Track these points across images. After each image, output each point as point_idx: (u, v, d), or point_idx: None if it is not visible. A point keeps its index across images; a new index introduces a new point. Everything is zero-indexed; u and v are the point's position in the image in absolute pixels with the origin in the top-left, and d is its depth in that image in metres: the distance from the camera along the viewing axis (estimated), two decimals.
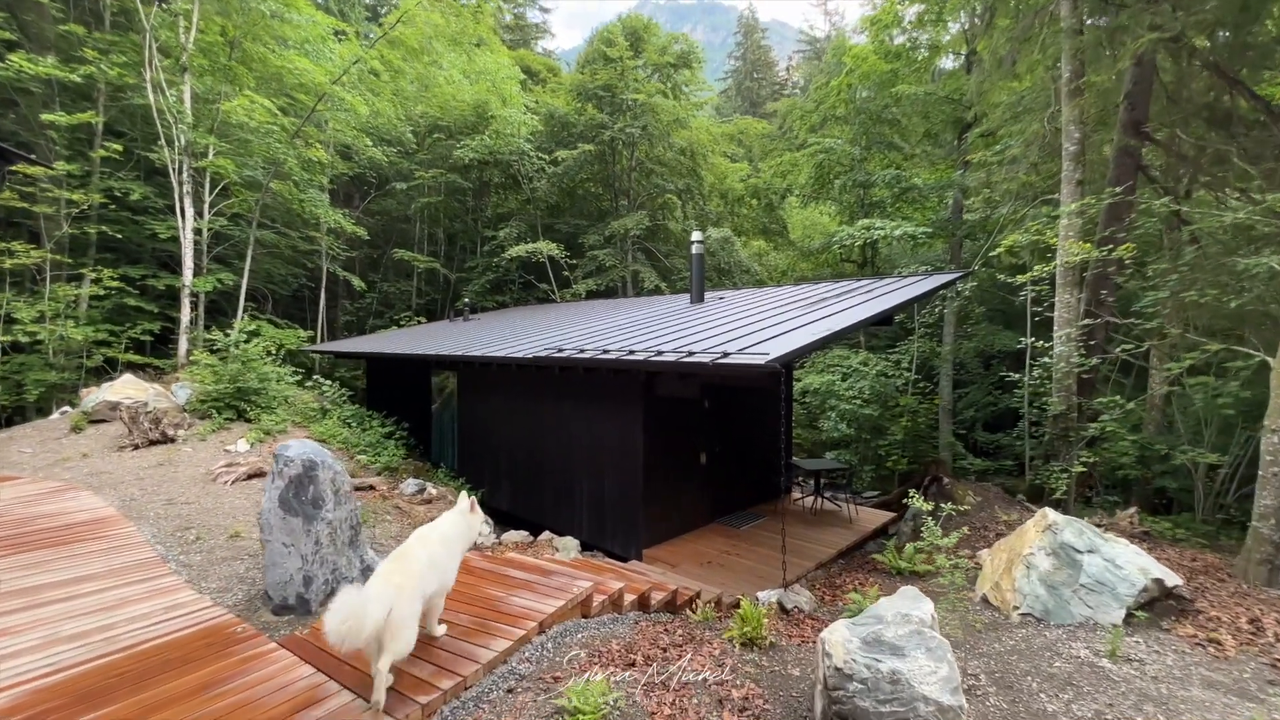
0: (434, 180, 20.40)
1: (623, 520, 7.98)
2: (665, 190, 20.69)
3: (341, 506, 4.08)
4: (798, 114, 21.03)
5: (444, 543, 3.63)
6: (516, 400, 9.69)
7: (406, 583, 3.22)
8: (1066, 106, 7.92)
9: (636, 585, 4.71)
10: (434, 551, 3.52)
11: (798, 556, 7.71)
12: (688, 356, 5.66)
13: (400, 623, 3.07)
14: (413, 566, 3.34)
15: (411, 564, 3.36)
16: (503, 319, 14.90)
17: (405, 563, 3.35)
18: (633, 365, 6.24)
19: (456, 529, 3.76)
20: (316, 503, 3.90)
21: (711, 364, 5.25)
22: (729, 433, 9.44)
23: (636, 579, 5.33)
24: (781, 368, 4.94)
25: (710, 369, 5.28)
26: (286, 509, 3.84)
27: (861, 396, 14.32)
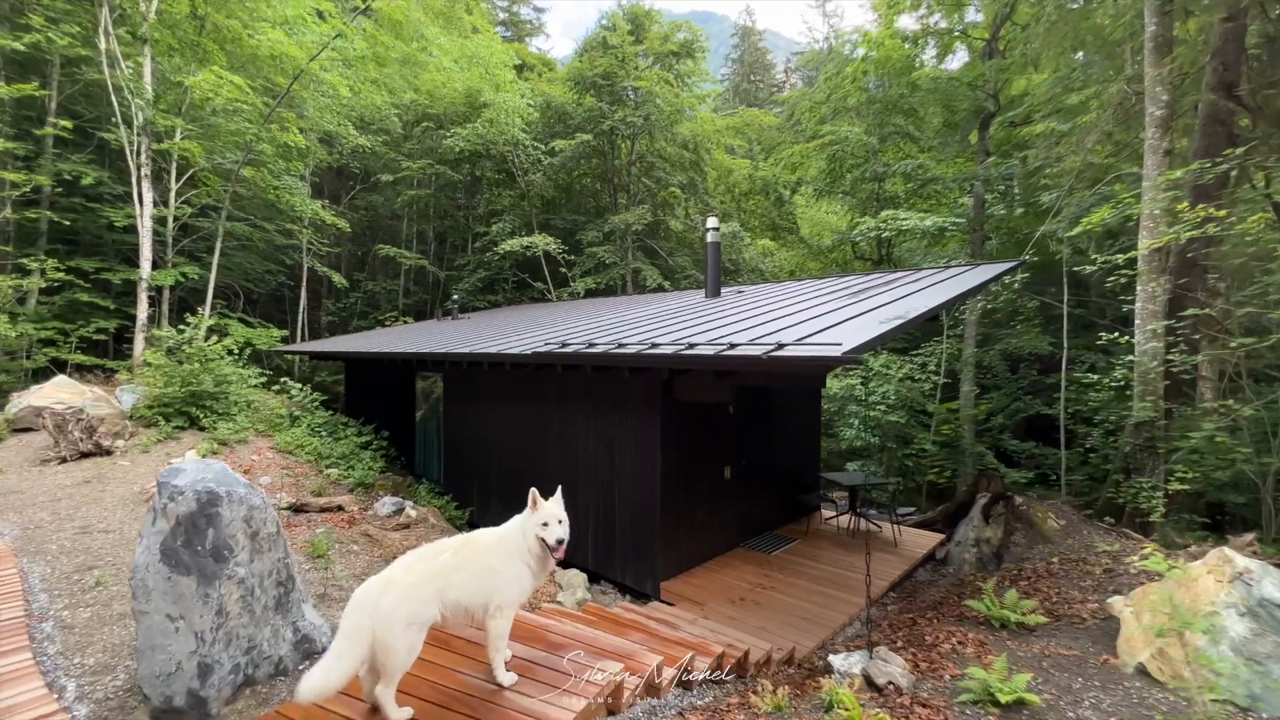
0: (422, 172, 19.17)
1: (637, 547, 6.75)
2: (669, 184, 19.53)
3: (263, 555, 2.85)
4: (806, 105, 19.98)
5: (494, 547, 2.93)
6: (511, 406, 8.45)
7: (406, 577, 2.63)
8: (1151, 65, 6.83)
9: (674, 654, 3.48)
10: (475, 554, 2.85)
11: (845, 589, 6.51)
12: (730, 350, 4.46)
13: (387, 626, 2.48)
14: (428, 561, 2.75)
15: (429, 557, 2.78)
16: (496, 317, 13.66)
17: (421, 556, 2.80)
18: (657, 361, 5.04)
19: (517, 532, 3.03)
20: (220, 553, 2.67)
21: (765, 357, 4.05)
22: (756, 444, 8.24)
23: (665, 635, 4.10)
24: (859, 359, 3.76)
25: (764, 363, 4.08)
26: (173, 564, 2.60)
27: (886, 402, 13.16)
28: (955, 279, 7.54)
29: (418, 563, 2.68)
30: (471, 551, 2.83)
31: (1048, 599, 4.77)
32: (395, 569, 2.66)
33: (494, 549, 2.90)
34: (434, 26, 21.40)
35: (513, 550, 2.93)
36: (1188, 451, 6.41)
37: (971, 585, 5.77)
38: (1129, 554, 5.37)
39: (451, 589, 2.66)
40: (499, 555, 2.87)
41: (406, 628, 2.51)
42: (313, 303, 20.11)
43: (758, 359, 4.14)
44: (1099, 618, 4.38)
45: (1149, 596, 3.85)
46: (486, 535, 3.00)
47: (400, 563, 2.71)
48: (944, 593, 5.98)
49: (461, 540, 2.90)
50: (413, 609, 2.54)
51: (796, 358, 3.99)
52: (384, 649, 2.47)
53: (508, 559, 2.89)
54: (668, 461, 6.59)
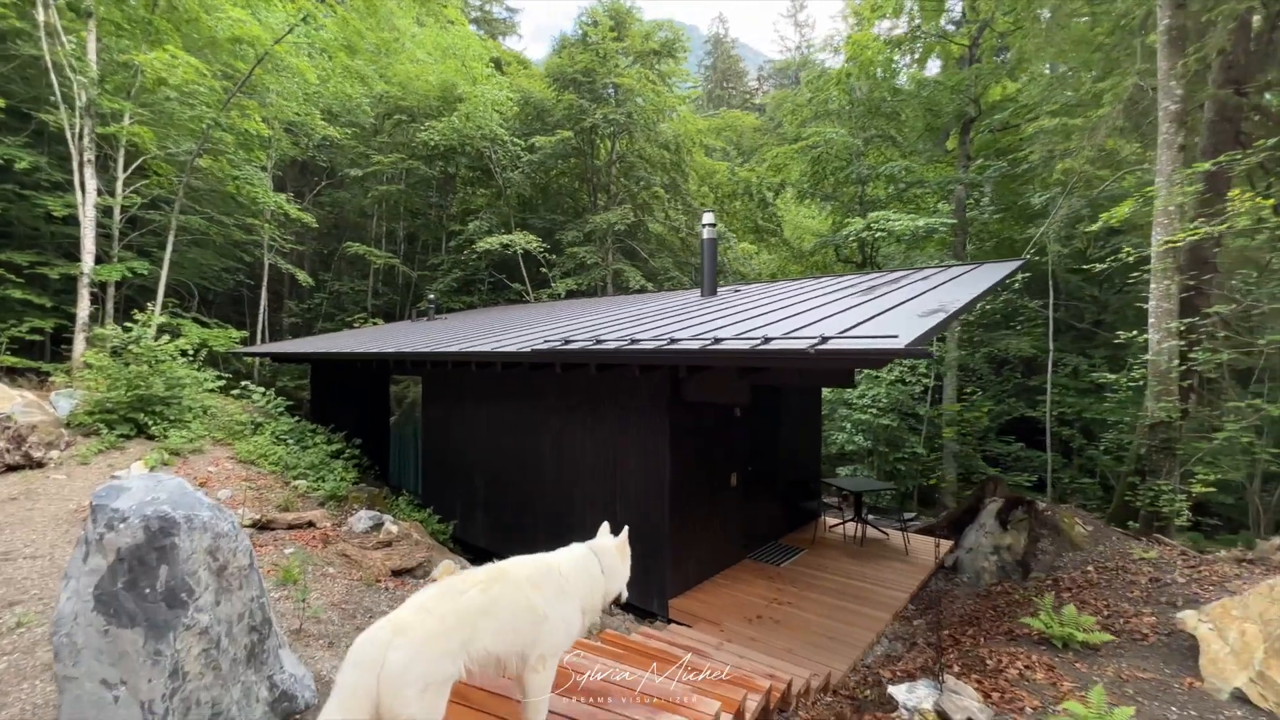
0: (394, 168, 18.33)
1: (643, 562, 6.19)
2: (651, 185, 19.13)
3: (233, 595, 2.25)
4: (789, 107, 19.88)
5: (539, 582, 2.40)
6: (500, 410, 7.84)
7: (422, 623, 2.03)
8: (1164, 59, 6.71)
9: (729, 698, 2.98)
10: (512, 591, 2.29)
11: (864, 603, 6.12)
12: (764, 344, 4.00)
13: (397, 690, 1.91)
14: (450, 601, 2.14)
15: (450, 594, 2.17)
16: (476, 318, 12.98)
17: (440, 593, 2.18)
18: (679, 358, 4.55)
19: (577, 564, 2.66)
20: (176, 596, 2.07)
21: (812, 351, 3.61)
22: (762, 448, 7.83)
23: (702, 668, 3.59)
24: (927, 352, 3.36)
25: (810, 358, 3.64)
26: (111, 613, 1.99)
27: (877, 405, 12.96)
28: (963, 277, 7.28)
29: (437, 602, 2.11)
30: (506, 588, 2.27)
31: (1098, 613, 4.44)
32: (406, 611, 2.09)
33: (539, 584, 2.36)
34: (406, 17, 20.62)
35: (568, 588, 2.40)
36: (1209, 452, 6.24)
37: (1006, 597, 5.44)
38: (1169, 561, 5.11)
39: (481, 636, 2.10)
40: (547, 593, 2.34)
41: (423, 691, 1.94)
42: (274, 304, 18.99)
43: (803, 353, 3.70)
44: (1161, 633, 4.06)
45: (1231, 612, 3.53)
46: (525, 566, 2.45)
47: (413, 602, 2.14)
48: (974, 605, 5.63)
49: (491, 573, 2.35)
50: (430, 665, 1.98)
51: (847, 351, 3.56)
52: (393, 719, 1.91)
53: (560, 598, 2.36)
54: (676, 467, 6.11)
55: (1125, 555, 5.37)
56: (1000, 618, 4.88)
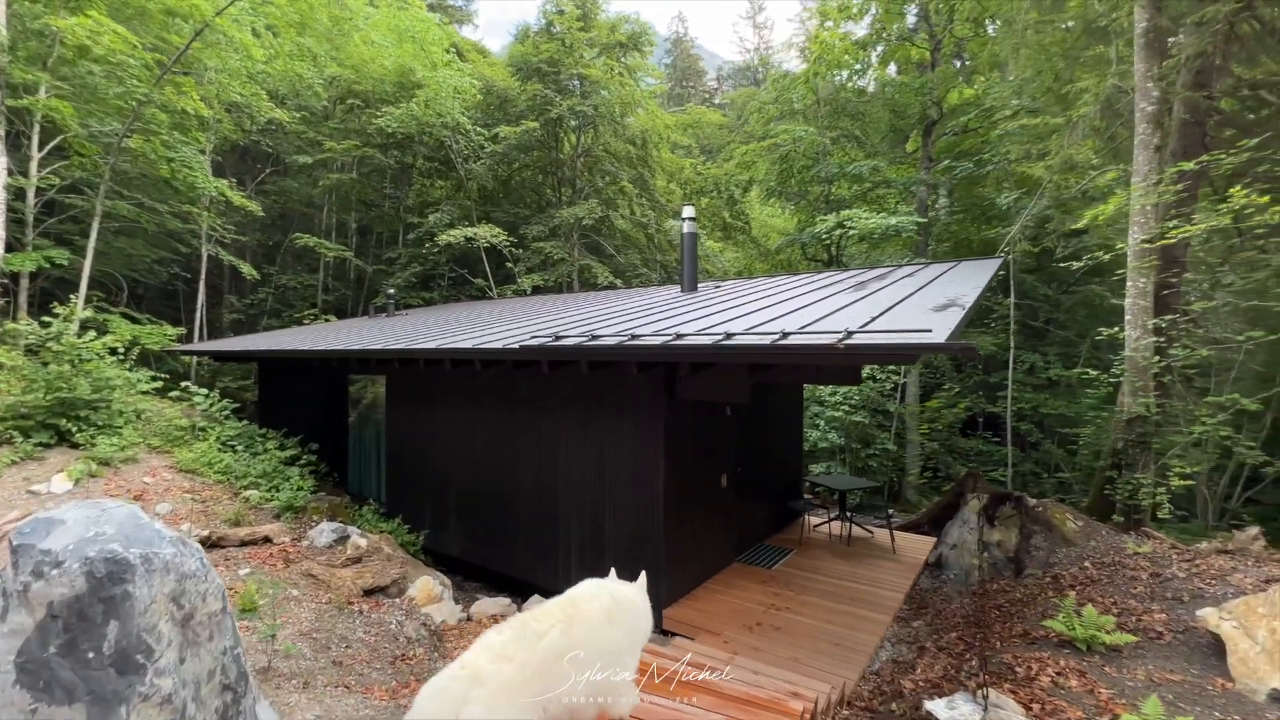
0: (346, 155, 17.32)
1: (635, 570, 5.88)
2: (618, 179, 18.78)
3: (201, 650, 1.81)
4: (755, 105, 19.89)
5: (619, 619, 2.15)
6: (473, 411, 7.36)
7: (499, 672, 1.71)
8: (1142, 60, 6.85)
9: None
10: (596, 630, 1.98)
11: (861, 605, 5.97)
12: (784, 339, 3.74)
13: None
14: (528, 646, 1.81)
15: (527, 637, 1.84)
16: (440, 314, 12.33)
17: (515, 636, 1.85)
18: (688, 354, 4.23)
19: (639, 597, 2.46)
20: (129, 659, 1.61)
21: (842, 346, 3.37)
22: (751, 448, 7.62)
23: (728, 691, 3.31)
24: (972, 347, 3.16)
25: (838, 354, 3.39)
26: (42, 685, 1.53)
27: (850, 402, 13.04)
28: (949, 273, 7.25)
29: (515, 647, 1.74)
30: (590, 626, 1.91)
31: (1108, 611, 4.39)
32: (480, 658, 1.71)
33: (618, 620, 2.00)
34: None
35: (641, 626, 2.06)
36: (1186, 445, 6.40)
37: (1005, 596, 5.38)
38: (1164, 556, 5.15)
39: (561, 685, 1.74)
40: (626, 631, 1.99)
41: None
42: (213, 299, 17.68)
43: (827, 349, 3.44)
44: (1175, 630, 4.03)
45: (1257, 610, 3.49)
46: (599, 599, 2.09)
47: (487, 646, 1.76)
48: (972, 605, 5.55)
49: (569, 611, 1.97)
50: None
51: (880, 346, 3.33)
52: None
53: (635, 638, 2.01)
54: (671, 470, 5.81)
55: (1119, 550, 5.40)
56: (1009, 618, 4.80)
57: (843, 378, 4.73)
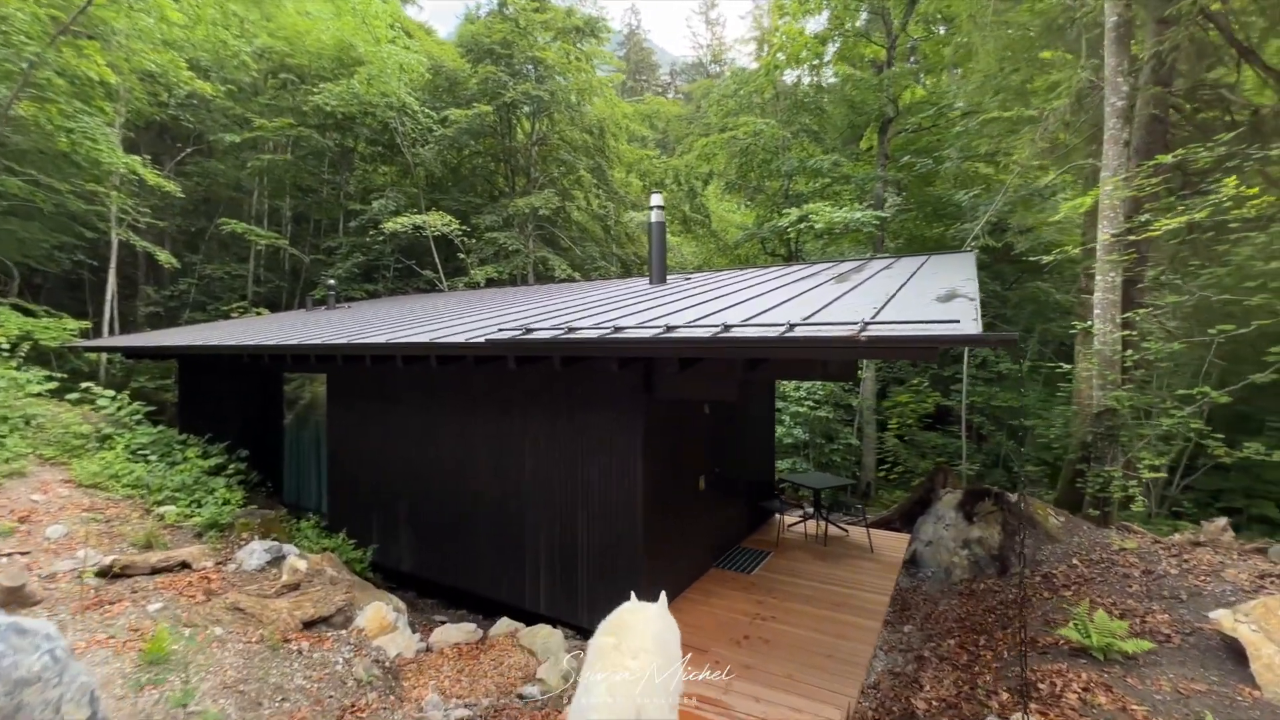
0: (279, 135, 15.99)
1: (610, 582, 5.45)
2: (575, 168, 18.14)
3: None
4: (714, 97, 19.64)
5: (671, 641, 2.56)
6: (428, 412, 6.70)
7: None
8: (1112, 55, 6.86)
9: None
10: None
11: (847, 610, 5.71)
12: (790, 331, 3.35)
13: None
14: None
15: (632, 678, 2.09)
16: (388, 307, 11.46)
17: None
18: (682, 348, 3.78)
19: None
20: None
21: (863, 339, 3.00)
22: (728, 447, 7.28)
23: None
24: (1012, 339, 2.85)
25: (859, 346, 3.03)
26: None
27: (814, 398, 12.96)
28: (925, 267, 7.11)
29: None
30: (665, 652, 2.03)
31: (1109, 614, 4.24)
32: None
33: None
34: None
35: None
36: (1156, 438, 6.45)
37: (995, 596, 5.21)
38: (1151, 551, 5.09)
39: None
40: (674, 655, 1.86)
41: None
42: (126, 290, 16.00)
43: (847, 341, 3.07)
44: (1183, 633, 3.89)
45: (1277, 613, 3.35)
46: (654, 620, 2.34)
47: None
48: (961, 607, 5.36)
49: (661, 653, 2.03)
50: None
51: (903, 339, 2.98)
52: None
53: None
54: (650, 473, 5.38)
55: (1105, 546, 5.33)
56: (1007, 621, 4.60)
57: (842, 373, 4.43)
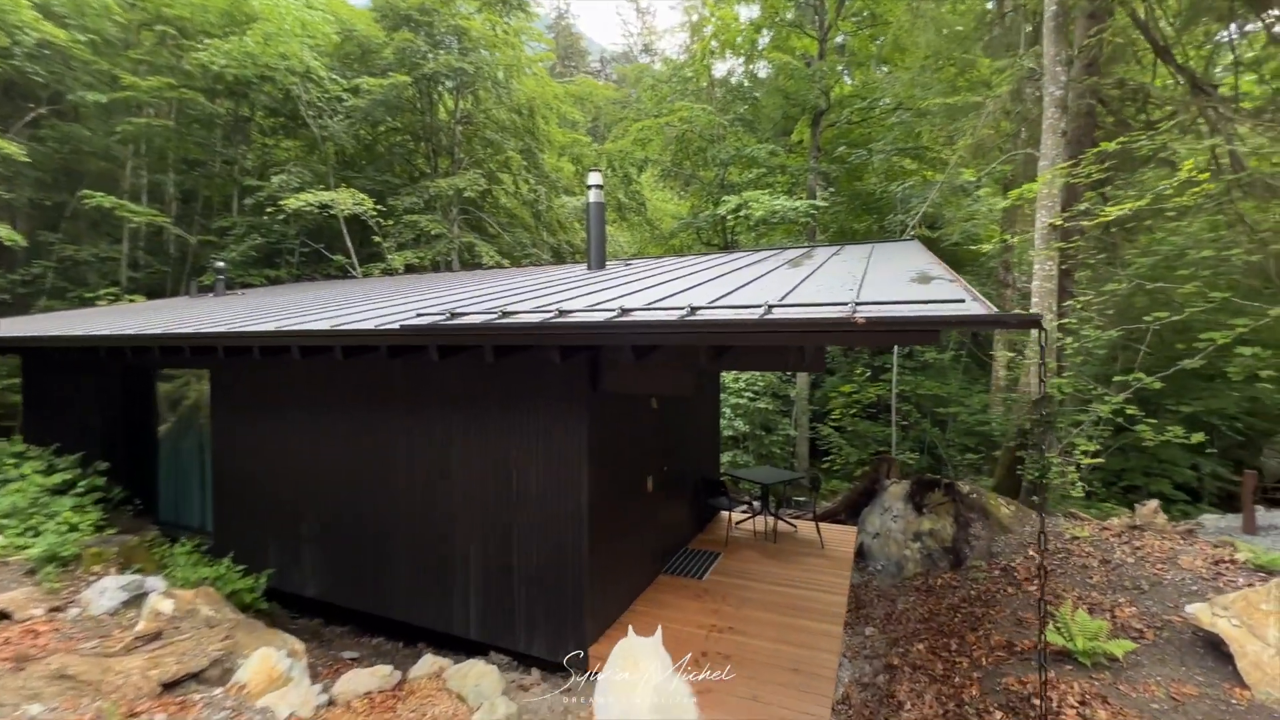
0: (157, 97, 13.96)
1: (551, 602, 4.83)
2: (503, 148, 17.09)
3: None
4: (648, 83, 19.12)
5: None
6: (333, 413, 5.78)
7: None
8: (1051, 44, 6.89)
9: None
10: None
11: (807, 615, 5.38)
12: (769, 313, 2.86)
13: None
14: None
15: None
16: (289, 294, 10.17)
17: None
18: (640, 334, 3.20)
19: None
20: None
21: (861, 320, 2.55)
22: (675, 444, 6.80)
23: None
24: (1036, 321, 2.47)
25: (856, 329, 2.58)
26: None
27: (753, 388, 12.78)
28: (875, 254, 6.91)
29: None
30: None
31: (1075, 608, 4.09)
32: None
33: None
34: None
35: None
36: (1091, 424, 6.56)
37: (956, 593, 5.02)
38: (1104, 540, 5.06)
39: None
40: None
41: None
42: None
43: (841, 324, 2.61)
44: (1154, 627, 3.78)
45: (1260, 606, 3.23)
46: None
47: None
48: (922, 604, 5.15)
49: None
50: None
51: (906, 319, 2.55)
52: None
53: None
54: (595, 477, 4.79)
55: (1058, 536, 5.27)
56: (978, 623, 4.39)
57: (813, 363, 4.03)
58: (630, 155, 16.87)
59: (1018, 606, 4.29)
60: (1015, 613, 4.23)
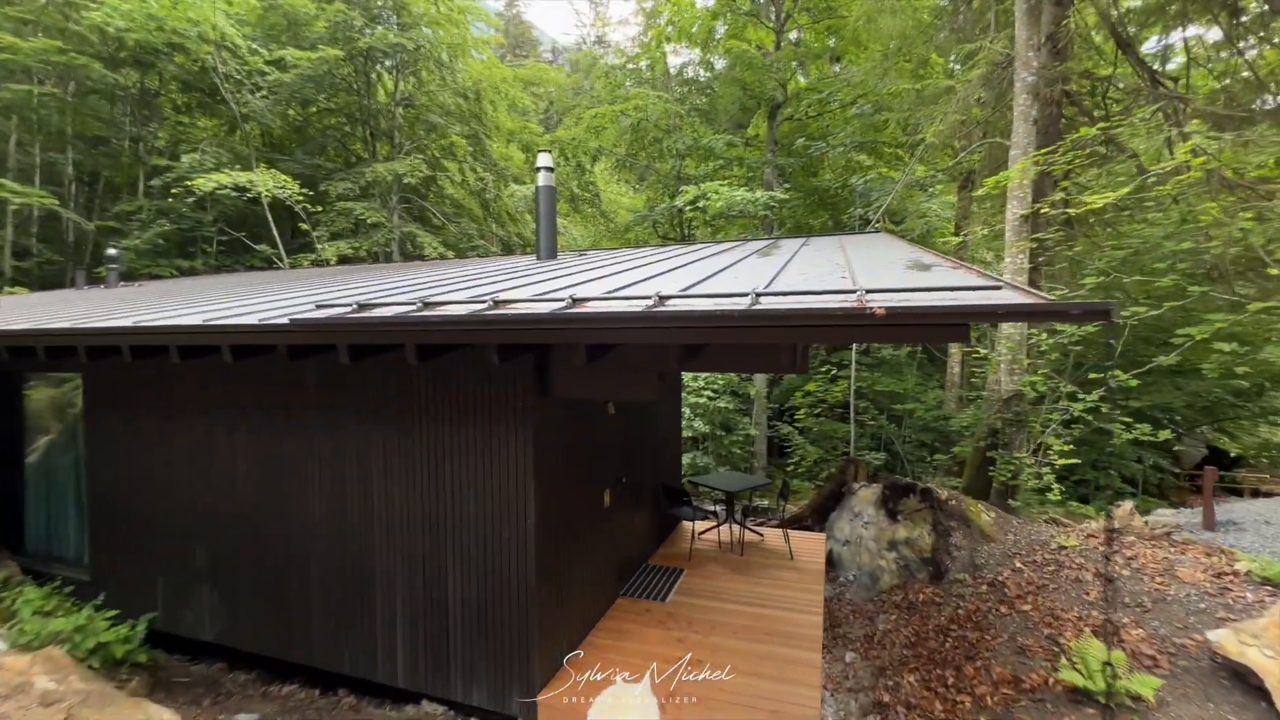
0: (41, 60, 12.30)
1: (493, 642, 4.15)
2: (448, 134, 16.06)
3: None
4: (603, 69, 18.39)
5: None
6: (232, 426, 4.89)
7: None
8: (1023, 27, 6.62)
9: None
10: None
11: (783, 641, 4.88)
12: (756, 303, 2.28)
13: None
14: None
15: None
16: (193, 286, 9.01)
17: None
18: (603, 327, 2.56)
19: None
20: None
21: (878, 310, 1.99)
22: (635, 452, 6.19)
23: None
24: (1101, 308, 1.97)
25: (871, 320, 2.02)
26: None
27: (712, 387, 12.32)
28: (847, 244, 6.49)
29: None
30: None
31: (1078, 631, 3.71)
32: None
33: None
34: None
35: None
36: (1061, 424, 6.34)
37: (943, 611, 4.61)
38: (1091, 548, 4.74)
39: None
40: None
41: None
42: None
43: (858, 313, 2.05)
44: (1167, 652, 3.42)
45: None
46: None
47: None
48: (905, 623, 4.71)
49: None
50: None
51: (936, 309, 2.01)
52: None
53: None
54: (544, 497, 4.13)
55: (1044, 545, 4.95)
56: (973, 650, 3.96)
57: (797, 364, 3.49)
58: (583, 144, 16.13)
59: (1015, 630, 3.89)
60: (1014, 638, 3.83)
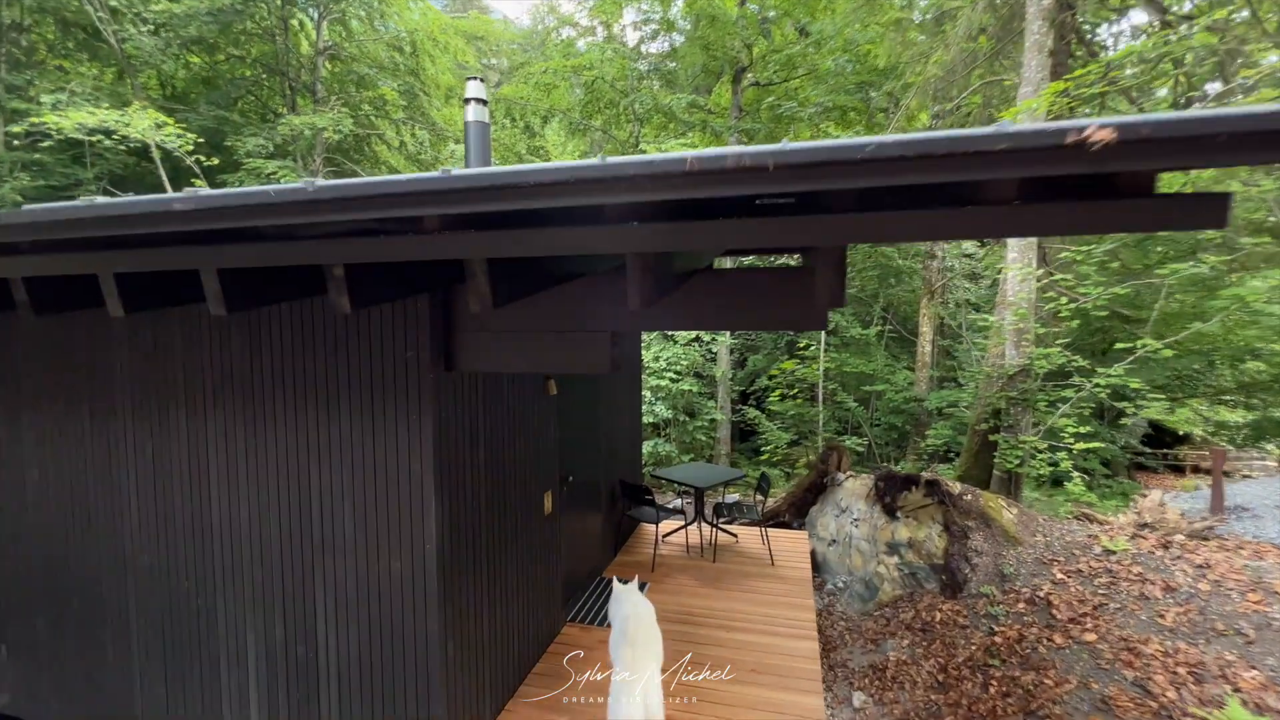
0: None
1: (386, 702, 2.97)
2: (377, 87, 14.30)
3: None
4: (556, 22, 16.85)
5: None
6: (14, 419, 3.50)
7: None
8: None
9: None
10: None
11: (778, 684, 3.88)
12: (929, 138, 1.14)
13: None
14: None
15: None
16: None
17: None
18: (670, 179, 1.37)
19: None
20: None
21: (1099, 138, 0.87)
22: (582, 443, 5.03)
23: None
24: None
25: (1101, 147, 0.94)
26: None
27: (675, 369, 11.25)
28: None
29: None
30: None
31: (1177, 681, 2.79)
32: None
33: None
34: None
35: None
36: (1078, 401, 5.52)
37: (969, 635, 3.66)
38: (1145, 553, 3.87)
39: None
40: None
41: None
42: None
43: (1065, 132, 0.93)
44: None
45: None
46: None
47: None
48: (926, 656, 3.76)
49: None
50: None
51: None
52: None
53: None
54: (451, 510, 2.95)
55: (1084, 549, 4.06)
56: (1026, 696, 2.99)
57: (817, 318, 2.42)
58: (533, 104, 14.64)
59: (1085, 671, 2.96)
60: (1086, 683, 2.89)
